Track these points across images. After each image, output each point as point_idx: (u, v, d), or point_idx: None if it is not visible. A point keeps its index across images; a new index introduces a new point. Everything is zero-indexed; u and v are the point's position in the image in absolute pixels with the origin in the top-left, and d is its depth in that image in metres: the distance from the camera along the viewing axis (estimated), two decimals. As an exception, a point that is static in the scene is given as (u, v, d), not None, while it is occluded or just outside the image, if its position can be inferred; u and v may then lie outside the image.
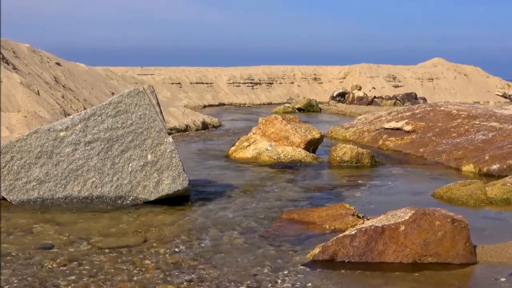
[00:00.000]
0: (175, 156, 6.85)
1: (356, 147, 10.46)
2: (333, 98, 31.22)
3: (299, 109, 25.26)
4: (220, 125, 17.94)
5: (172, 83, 29.51)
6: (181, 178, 6.81)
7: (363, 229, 5.05)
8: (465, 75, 39.25)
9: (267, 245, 5.44)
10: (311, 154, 10.67)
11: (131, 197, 6.75)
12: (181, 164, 6.86)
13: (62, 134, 6.76)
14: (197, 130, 16.14)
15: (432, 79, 37.70)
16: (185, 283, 4.45)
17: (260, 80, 33.57)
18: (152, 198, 6.77)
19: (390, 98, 29.58)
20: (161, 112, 7.01)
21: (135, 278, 4.52)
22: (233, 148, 11.15)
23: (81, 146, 6.74)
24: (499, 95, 37.36)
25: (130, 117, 6.84)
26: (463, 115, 12.86)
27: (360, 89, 31.73)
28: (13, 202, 6.62)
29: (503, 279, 4.64)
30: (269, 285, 4.46)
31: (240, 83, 32.50)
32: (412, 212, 5.10)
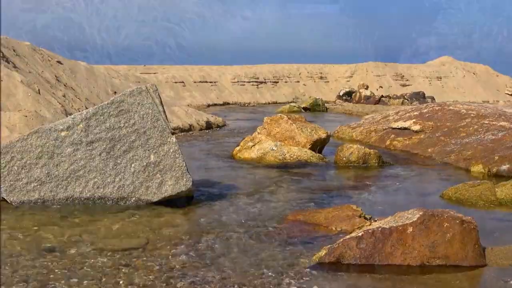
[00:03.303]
0: (179, 156, 6.75)
1: (363, 147, 10.36)
2: (339, 97, 31.09)
3: (305, 108, 25.18)
4: (225, 124, 17.86)
5: (176, 82, 29.46)
6: (185, 179, 6.71)
7: (370, 231, 4.97)
8: (474, 73, 39.04)
9: (272, 247, 5.36)
10: (317, 154, 10.57)
11: (134, 198, 6.66)
12: (184, 165, 6.76)
13: (63, 134, 6.67)
14: (201, 129, 16.06)
15: (441, 78, 37.53)
16: (188, 285, 4.38)
17: (265, 79, 33.49)
18: (155, 199, 6.68)
19: (397, 97, 29.42)
20: (164, 111, 6.92)
21: (137, 281, 4.46)
22: (237, 148, 11.06)
23: (83, 146, 6.66)
24: (508, 94, 37.14)
25: (133, 116, 6.75)
26: (472, 115, 12.73)
27: (367, 88, 31.59)
28: (13, 203, 6.54)
29: (514, 282, 4.55)
30: (273, 289, 4.37)
31: (244, 82, 32.41)
32: (420, 213, 5.03)
